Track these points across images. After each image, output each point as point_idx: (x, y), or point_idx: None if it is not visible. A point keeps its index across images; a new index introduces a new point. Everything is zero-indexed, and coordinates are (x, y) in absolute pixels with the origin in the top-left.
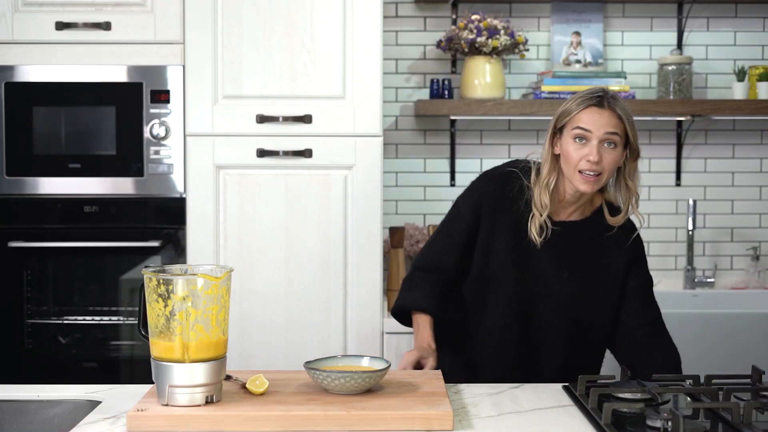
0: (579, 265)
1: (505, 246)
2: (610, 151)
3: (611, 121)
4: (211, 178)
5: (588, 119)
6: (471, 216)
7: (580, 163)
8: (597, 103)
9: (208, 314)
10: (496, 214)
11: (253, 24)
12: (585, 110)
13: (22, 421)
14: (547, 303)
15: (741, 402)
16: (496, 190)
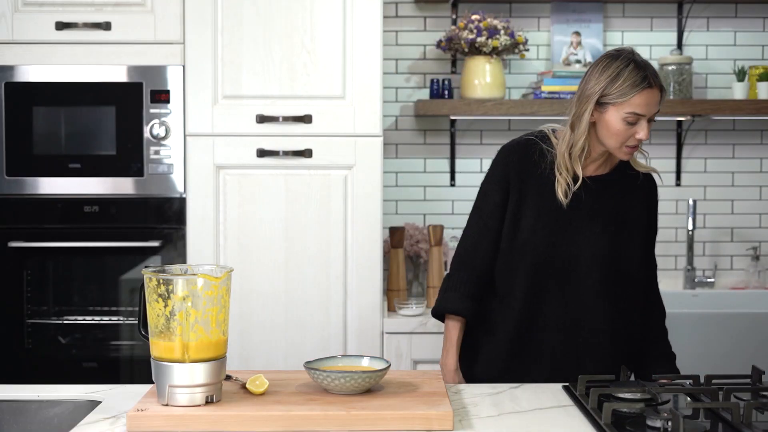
0: (610, 218)
1: (533, 212)
2: (650, 125)
3: (658, 98)
4: (211, 178)
5: (641, 102)
6: (499, 192)
7: (629, 141)
8: (648, 84)
9: (208, 314)
10: (522, 181)
11: (253, 24)
12: (642, 93)
13: (22, 421)
14: (582, 263)
15: (741, 402)
16: (519, 157)
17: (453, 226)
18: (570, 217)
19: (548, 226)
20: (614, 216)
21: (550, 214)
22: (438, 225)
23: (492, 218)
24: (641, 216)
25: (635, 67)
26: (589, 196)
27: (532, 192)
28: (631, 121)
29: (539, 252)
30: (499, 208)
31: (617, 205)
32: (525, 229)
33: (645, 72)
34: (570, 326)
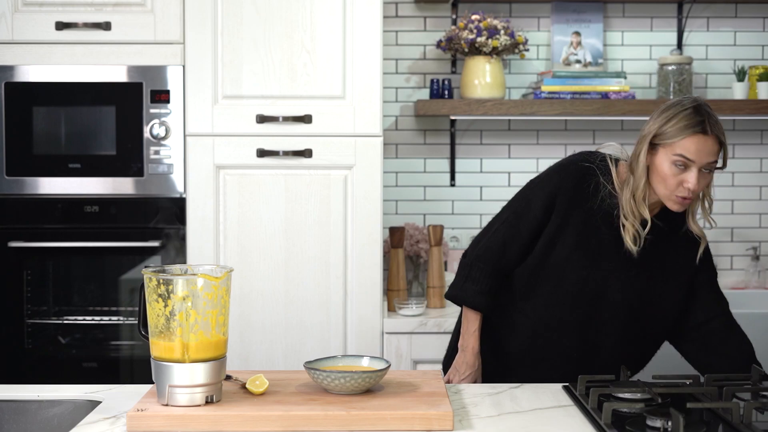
0: (649, 263)
1: (573, 242)
2: (706, 175)
3: (714, 149)
4: (211, 178)
5: (692, 148)
6: (543, 210)
7: (678, 189)
8: (701, 130)
9: (208, 314)
10: (569, 209)
11: (253, 24)
12: (689, 138)
13: (22, 421)
14: (608, 305)
15: (741, 402)
16: (573, 186)
17: (453, 226)
18: (608, 257)
19: (583, 260)
20: (652, 262)
21: (588, 250)
22: (438, 225)
23: (527, 229)
24: (685, 262)
25: (694, 111)
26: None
27: (575, 222)
28: (679, 164)
29: (567, 283)
30: (538, 222)
31: (658, 252)
32: (559, 256)
33: (702, 118)
34: (584, 357)
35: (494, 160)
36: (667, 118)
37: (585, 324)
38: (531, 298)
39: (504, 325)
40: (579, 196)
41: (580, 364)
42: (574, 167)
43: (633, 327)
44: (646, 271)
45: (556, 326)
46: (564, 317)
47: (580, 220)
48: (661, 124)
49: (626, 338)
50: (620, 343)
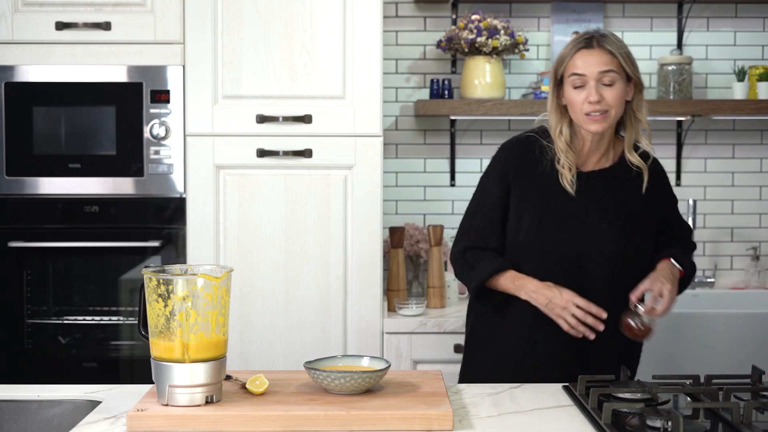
0: (616, 212)
1: (536, 209)
2: (609, 89)
3: (603, 59)
4: (211, 178)
5: (581, 63)
6: (499, 187)
7: (583, 107)
8: (586, 44)
9: (208, 314)
10: (523, 178)
11: (253, 24)
12: (576, 54)
13: (22, 421)
14: (590, 260)
15: (741, 402)
16: (519, 156)
17: (453, 226)
18: (575, 214)
19: (553, 224)
20: (621, 209)
21: (555, 213)
22: (438, 225)
23: (494, 211)
24: (651, 203)
25: (584, 34)
26: (593, 190)
27: (534, 190)
28: (577, 84)
29: (545, 250)
30: (501, 201)
31: (623, 198)
32: (529, 227)
33: (590, 35)
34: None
35: None
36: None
37: (575, 284)
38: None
39: (501, 317)
40: (528, 164)
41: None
42: (515, 140)
43: (618, 279)
44: (617, 219)
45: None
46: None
47: (537, 187)
48: (558, 56)
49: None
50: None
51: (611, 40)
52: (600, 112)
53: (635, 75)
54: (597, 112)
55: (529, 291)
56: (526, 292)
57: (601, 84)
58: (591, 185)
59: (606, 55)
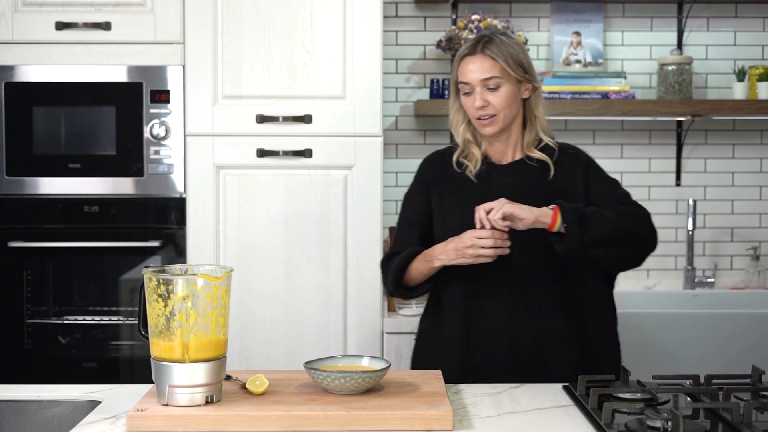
0: (541, 198)
1: (457, 207)
2: (494, 94)
3: (484, 66)
4: (211, 178)
5: (465, 71)
6: (419, 194)
7: (473, 112)
8: (470, 51)
9: (208, 314)
10: (440, 182)
11: (253, 24)
12: (462, 62)
13: (22, 421)
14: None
15: (741, 402)
16: (435, 160)
17: None
18: None
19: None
20: (545, 194)
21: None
22: None
23: (415, 216)
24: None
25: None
26: (513, 178)
27: (453, 189)
28: (466, 91)
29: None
30: (422, 207)
31: (545, 185)
32: (453, 222)
33: (475, 42)
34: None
35: None
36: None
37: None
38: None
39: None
40: (445, 167)
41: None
42: (430, 154)
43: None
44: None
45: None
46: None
47: (456, 186)
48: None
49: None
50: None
51: (496, 44)
52: (487, 116)
53: (524, 77)
54: (485, 116)
55: (438, 255)
56: (437, 258)
57: (486, 89)
58: (511, 176)
59: (488, 61)
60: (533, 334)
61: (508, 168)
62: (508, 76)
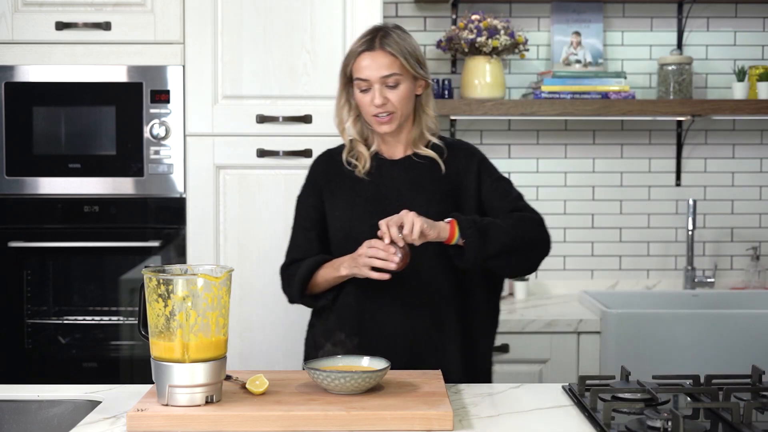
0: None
1: (348, 204)
2: (393, 91)
3: (384, 62)
4: (211, 178)
5: (363, 66)
6: (311, 196)
7: (370, 109)
8: (367, 47)
9: (208, 314)
10: (331, 181)
11: (253, 24)
12: (360, 57)
13: (22, 421)
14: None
15: (741, 402)
16: (325, 160)
17: None
18: (390, 200)
19: (368, 210)
20: (438, 189)
21: (367, 199)
22: None
23: (308, 220)
24: (467, 183)
25: (367, 33)
26: (405, 173)
27: (344, 187)
28: (362, 88)
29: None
30: (314, 209)
31: (438, 181)
32: (344, 220)
33: (371, 36)
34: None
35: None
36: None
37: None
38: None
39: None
40: (335, 166)
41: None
42: (320, 154)
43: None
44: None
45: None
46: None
47: (347, 185)
48: (347, 53)
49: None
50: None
51: (394, 39)
52: (386, 113)
53: (419, 74)
54: (383, 114)
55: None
56: (342, 266)
57: (386, 87)
58: (403, 171)
59: (388, 57)
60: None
61: (400, 163)
62: (407, 73)
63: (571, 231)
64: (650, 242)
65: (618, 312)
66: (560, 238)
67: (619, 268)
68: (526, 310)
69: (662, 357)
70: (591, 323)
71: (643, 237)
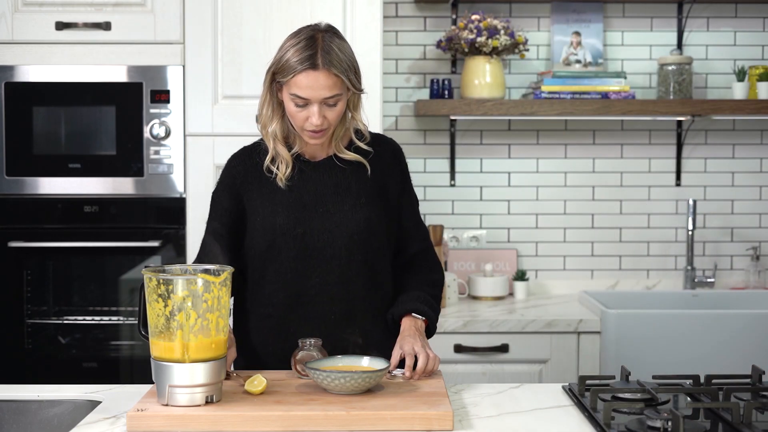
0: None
1: (270, 211)
2: (332, 109)
3: (328, 83)
4: (211, 178)
5: (304, 85)
6: (227, 199)
7: (306, 124)
8: (311, 65)
9: (208, 314)
10: (249, 184)
11: (253, 24)
12: (301, 74)
13: (22, 421)
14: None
15: (741, 402)
16: (242, 163)
17: (453, 226)
18: (314, 204)
19: (291, 219)
20: (364, 193)
21: (290, 207)
22: (438, 225)
23: (223, 225)
24: (391, 185)
25: (305, 44)
26: (329, 176)
27: (265, 192)
28: (299, 104)
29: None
30: (230, 214)
31: (364, 180)
32: (267, 230)
33: (313, 51)
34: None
35: (494, 160)
36: (282, 53)
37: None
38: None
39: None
40: (254, 169)
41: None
42: (237, 152)
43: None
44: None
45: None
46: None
47: (268, 189)
48: (278, 58)
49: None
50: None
51: (336, 55)
52: (322, 130)
53: (356, 86)
54: (319, 131)
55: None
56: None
57: (325, 105)
58: (327, 173)
59: (331, 78)
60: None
61: (323, 164)
62: (347, 91)
63: (571, 231)
64: (650, 242)
65: (618, 312)
66: (560, 238)
67: (619, 268)
68: (526, 310)
69: (662, 357)
70: (591, 323)
71: (643, 237)
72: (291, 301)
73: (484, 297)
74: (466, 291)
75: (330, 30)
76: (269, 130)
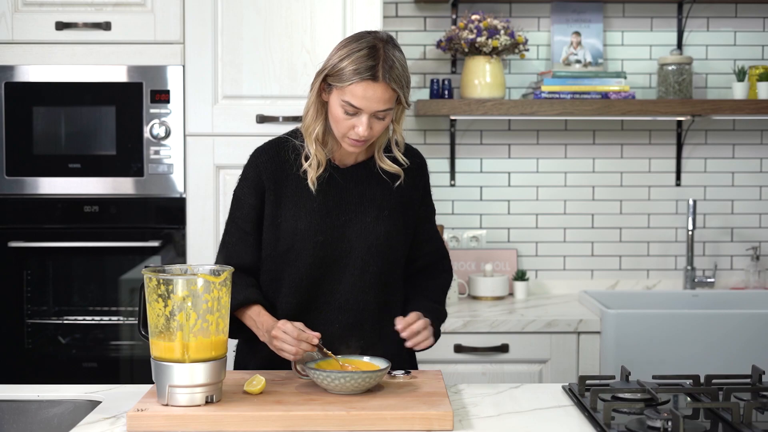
0: (383, 205)
1: (293, 213)
2: (380, 122)
3: (384, 96)
4: (211, 178)
5: (360, 95)
6: (253, 196)
7: (350, 132)
8: (371, 76)
9: (208, 315)
10: (276, 183)
11: (253, 24)
12: (360, 85)
13: (22, 421)
14: (356, 257)
15: (741, 402)
16: (270, 159)
17: (453, 226)
18: (338, 211)
19: (313, 226)
20: (388, 203)
21: (313, 213)
22: (438, 225)
23: (248, 223)
24: (413, 196)
25: (368, 53)
26: (355, 185)
27: (289, 193)
28: (349, 112)
29: (307, 256)
30: (255, 211)
31: (389, 192)
32: (287, 233)
33: (375, 62)
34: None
35: (494, 160)
36: (340, 57)
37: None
38: (277, 288)
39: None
40: (281, 166)
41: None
42: (265, 145)
43: (386, 274)
44: (383, 211)
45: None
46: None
47: (293, 190)
48: (336, 62)
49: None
50: (380, 288)
51: (396, 70)
52: (363, 140)
53: (407, 101)
54: (362, 140)
55: (262, 332)
56: (261, 332)
57: (375, 118)
58: (353, 179)
59: (389, 91)
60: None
61: (351, 172)
62: (397, 104)
63: (571, 231)
64: (650, 242)
65: (618, 312)
66: (560, 238)
67: (619, 268)
68: (526, 310)
69: (662, 357)
70: (591, 323)
71: (643, 237)
72: (301, 307)
73: (484, 297)
74: (466, 291)
75: (391, 41)
76: (313, 132)
